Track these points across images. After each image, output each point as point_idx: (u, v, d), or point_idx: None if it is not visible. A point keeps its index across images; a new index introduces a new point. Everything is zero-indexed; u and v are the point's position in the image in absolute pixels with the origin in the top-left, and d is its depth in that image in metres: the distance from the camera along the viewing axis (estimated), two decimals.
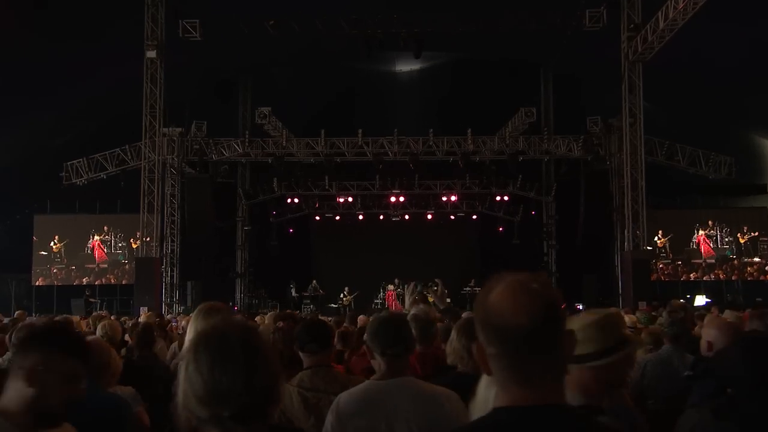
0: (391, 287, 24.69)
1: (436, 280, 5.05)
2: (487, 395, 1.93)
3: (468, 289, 25.33)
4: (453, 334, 3.77)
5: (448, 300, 15.08)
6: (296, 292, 25.89)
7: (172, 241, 24.47)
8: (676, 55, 19.92)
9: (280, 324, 5.72)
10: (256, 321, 8.74)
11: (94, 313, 11.42)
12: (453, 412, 2.75)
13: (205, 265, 24.78)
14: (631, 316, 9.13)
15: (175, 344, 6.99)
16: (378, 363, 2.95)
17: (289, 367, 3.71)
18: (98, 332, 5.40)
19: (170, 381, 4.58)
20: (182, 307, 23.17)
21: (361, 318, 8.67)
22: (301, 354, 3.48)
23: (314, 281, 26.28)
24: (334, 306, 25.30)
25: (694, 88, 22.12)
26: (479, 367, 1.58)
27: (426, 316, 4.52)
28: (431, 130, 24.14)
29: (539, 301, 1.46)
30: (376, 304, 24.49)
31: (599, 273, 24.27)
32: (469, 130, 23.87)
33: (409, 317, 4.12)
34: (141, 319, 9.27)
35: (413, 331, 3.28)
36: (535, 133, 24.62)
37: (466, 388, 2.40)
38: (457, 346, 3.66)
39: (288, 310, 13.59)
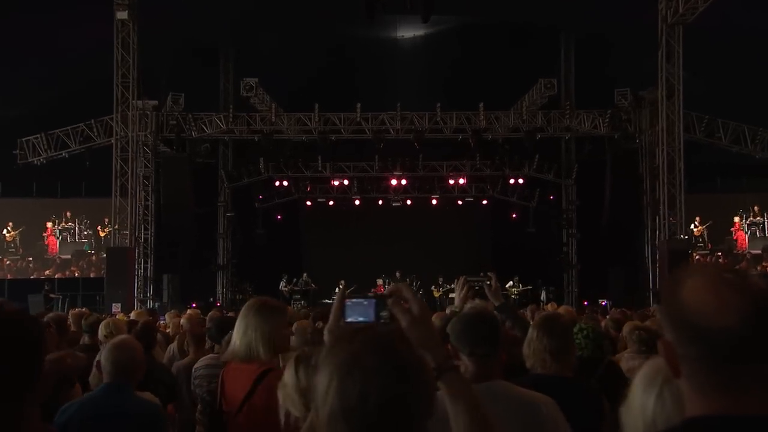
0: (379, 282, 24.57)
1: (489, 273, 4.78)
2: (645, 401, 1.84)
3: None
4: (532, 334, 3.71)
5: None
6: (286, 285, 25.68)
7: (146, 229, 24.21)
8: (721, 17, 19.22)
9: (320, 324, 5.62)
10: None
11: (75, 310, 10.90)
12: (551, 418, 2.74)
13: (183, 256, 24.56)
14: None
15: (173, 345, 6.89)
16: (464, 364, 2.94)
17: None
18: (101, 332, 5.47)
19: (172, 384, 5.03)
20: (157, 304, 22.90)
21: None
22: (465, 359, 3.13)
23: (305, 274, 26.04)
24: (328, 302, 22.56)
25: (740, 55, 21.64)
26: (562, 370, 1.90)
27: (486, 313, 3.89)
28: (438, 104, 24.02)
29: (749, 299, 1.37)
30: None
31: (627, 266, 23.84)
32: (481, 105, 23.77)
33: (463, 314, 3.70)
34: (132, 316, 9.33)
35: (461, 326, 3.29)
36: (554, 107, 24.47)
37: (549, 393, 2.67)
38: (538, 346, 3.60)
39: (326, 309, 12.59)
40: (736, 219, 25.73)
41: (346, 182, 27.22)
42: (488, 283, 4.77)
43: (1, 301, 6.69)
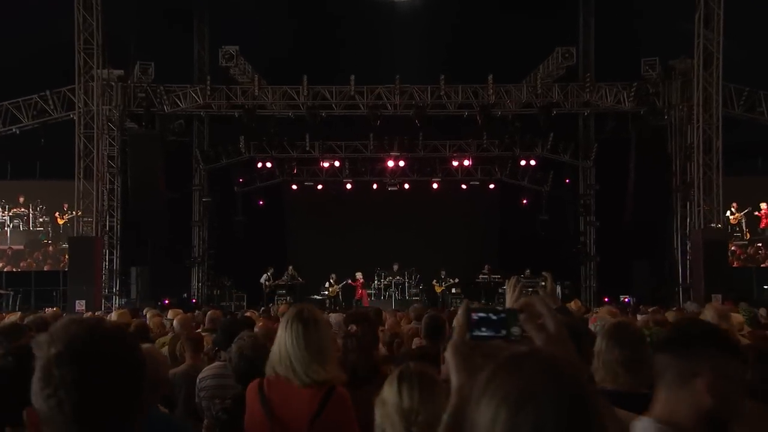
0: (359, 275, 24.89)
1: (544, 273, 4.06)
2: None
3: (484, 277, 25.37)
4: (601, 344, 3.69)
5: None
6: (270, 279, 25.33)
7: (111, 216, 23.82)
8: None
9: (353, 328, 5.69)
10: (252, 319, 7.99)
11: (47, 311, 11.16)
12: None
13: (153, 246, 24.56)
14: (737, 314, 8.39)
15: (163, 350, 6.54)
16: None
17: (367, 383, 3.84)
18: None
19: (169, 394, 4.97)
20: (124, 300, 23.19)
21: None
22: None
23: (290, 267, 25.62)
24: (318, 298, 24.79)
25: None
26: (637, 385, 2.03)
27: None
28: (442, 76, 23.76)
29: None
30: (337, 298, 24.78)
31: (653, 258, 23.89)
32: (489, 77, 23.50)
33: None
34: (112, 317, 9.23)
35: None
36: (572, 79, 24.22)
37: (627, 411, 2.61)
38: (609, 358, 3.59)
39: (360, 309, 13.13)
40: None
41: (337, 164, 26.99)
42: (543, 284, 4.29)
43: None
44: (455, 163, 26.96)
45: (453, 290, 25.46)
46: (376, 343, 5.75)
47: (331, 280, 25.37)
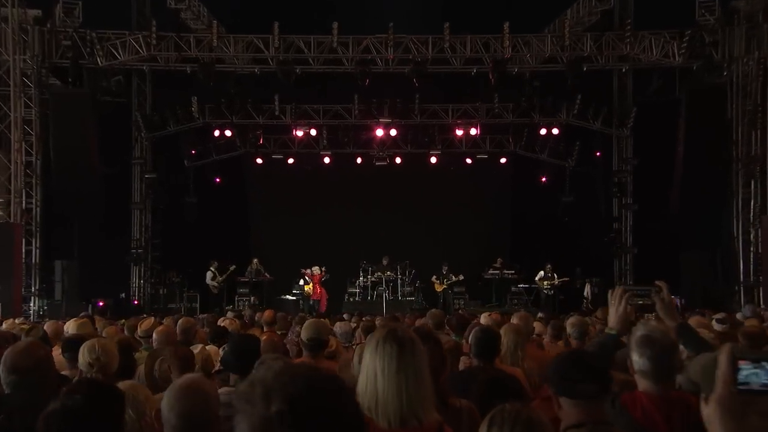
0: (316, 269, 25.16)
1: (658, 283, 4.42)
2: None
3: (494, 272, 25.59)
4: None
5: None
6: (217, 277, 25.46)
7: (29, 196, 23.62)
8: None
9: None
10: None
11: (16, 321, 11.21)
12: None
13: (83, 235, 24.20)
14: None
15: (140, 369, 6.64)
16: (569, 411, 3.47)
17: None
18: (86, 357, 5.48)
19: None
20: (46, 302, 23.28)
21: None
22: (563, 401, 3.64)
23: (255, 260, 25.82)
24: (290, 298, 25.35)
25: None
26: None
27: (667, 339, 4.29)
28: (446, 24, 23.60)
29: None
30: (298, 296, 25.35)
31: (706, 250, 23.78)
32: (505, 25, 23.42)
33: (637, 339, 4.17)
34: (69, 329, 8.95)
35: (649, 361, 4.00)
36: (608, 28, 24.20)
37: None
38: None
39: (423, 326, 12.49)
40: None
41: (313, 132, 26.87)
42: (660, 294, 4.59)
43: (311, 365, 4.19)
44: (459, 132, 26.81)
45: (455, 288, 25.47)
46: (444, 368, 5.34)
47: (307, 277, 25.34)
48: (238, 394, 1.83)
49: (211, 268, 25.31)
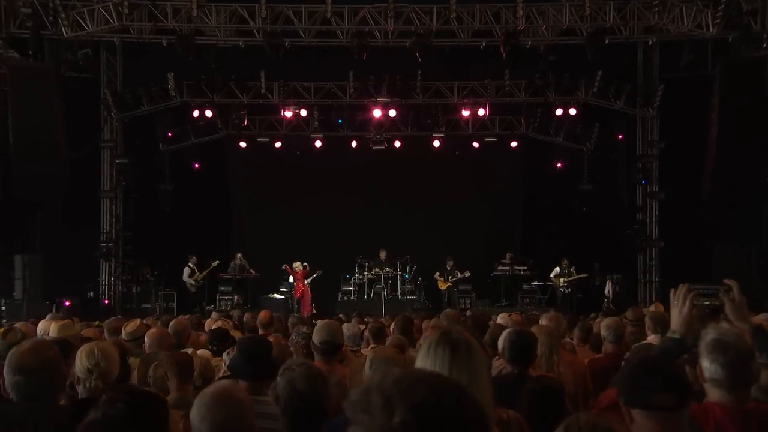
0: (297, 265, 25.15)
1: (727, 281, 4.40)
2: None
3: (504, 269, 25.64)
4: None
5: None
6: (196, 273, 25.53)
7: None
8: None
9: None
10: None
11: (16, 325, 10.53)
12: None
13: (47, 227, 24.34)
14: None
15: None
16: (643, 423, 3.45)
17: None
18: (84, 362, 5.35)
19: None
20: (5, 302, 23.09)
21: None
22: (636, 414, 3.62)
23: (239, 255, 25.94)
24: (278, 297, 25.30)
25: None
26: None
27: (742, 344, 4.22)
28: None
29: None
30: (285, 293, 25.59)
31: (742, 243, 23.66)
32: None
33: (708, 344, 4.15)
34: (51, 331, 9.07)
35: (722, 368, 3.94)
36: None
37: None
38: None
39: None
40: None
41: (303, 113, 26.67)
42: (729, 294, 4.54)
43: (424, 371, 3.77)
44: (466, 113, 26.68)
45: (461, 286, 25.62)
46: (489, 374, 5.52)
47: (289, 274, 25.51)
48: (351, 404, 1.88)
49: (189, 264, 25.32)
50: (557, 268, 24.71)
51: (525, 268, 25.00)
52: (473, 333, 8.36)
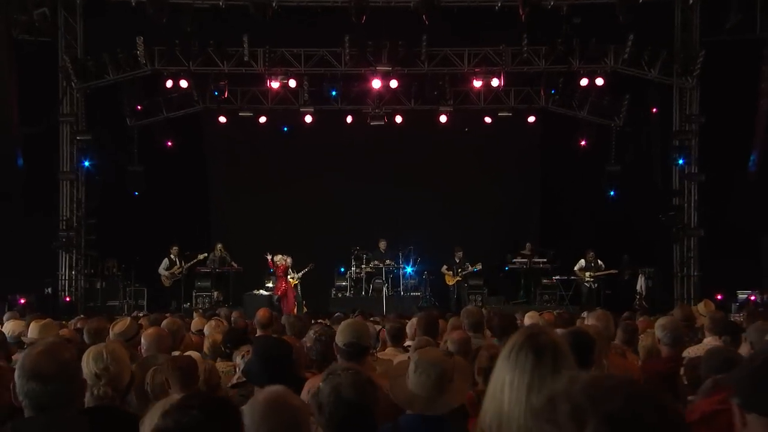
0: (279, 258, 24.88)
1: None
2: None
3: (521, 261, 25.54)
4: None
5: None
6: (177, 265, 25.50)
7: None
8: None
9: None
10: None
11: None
12: None
13: None
14: None
15: None
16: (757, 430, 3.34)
17: None
18: (93, 365, 5.44)
19: None
20: None
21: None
22: (752, 419, 3.43)
23: (219, 245, 25.88)
24: (264, 294, 25.09)
25: None
26: None
27: None
28: None
29: None
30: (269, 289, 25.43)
31: None
32: None
33: None
34: (30, 333, 9.63)
35: None
36: None
37: None
38: None
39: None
40: None
41: (292, 84, 26.28)
42: None
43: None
44: (477, 83, 26.20)
45: (471, 281, 25.46)
46: None
47: (272, 267, 25.23)
48: (535, 413, 1.95)
49: (171, 255, 25.10)
50: (582, 261, 24.43)
51: (544, 260, 24.84)
52: (499, 334, 8.96)
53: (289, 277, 24.93)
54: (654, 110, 26.67)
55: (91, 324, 9.85)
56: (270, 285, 25.27)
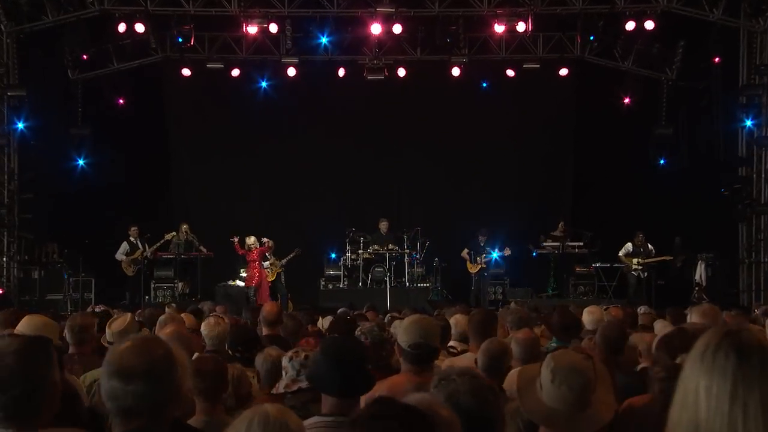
0: (252, 241, 24.57)
1: None
2: None
3: (553, 245, 25.16)
4: None
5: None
6: (140, 249, 24.96)
7: None
8: None
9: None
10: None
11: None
12: None
13: None
14: None
15: None
16: None
17: None
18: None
19: None
20: None
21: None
22: None
23: (185, 227, 25.27)
24: (238, 284, 25.08)
25: None
26: None
27: None
28: None
29: None
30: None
31: None
32: None
33: None
34: (22, 328, 8.16)
35: None
36: None
37: None
38: None
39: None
40: None
41: (272, 28, 25.86)
42: None
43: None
44: (499, 28, 25.86)
45: (490, 270, 25.13)
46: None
47: (266, 253, 25.02)
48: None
49: (131, 238, 24.63)
50: (629, 245, 23.82)
51: (580, 243, 24.33)
52: (561, 334, 9.16)
53: (267, 264, 24.70)
54: (716, 60, 25.98)
55: (74, 321, 9.59)
56: (246, 274, 25.01)
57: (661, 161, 26.08)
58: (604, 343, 7.97)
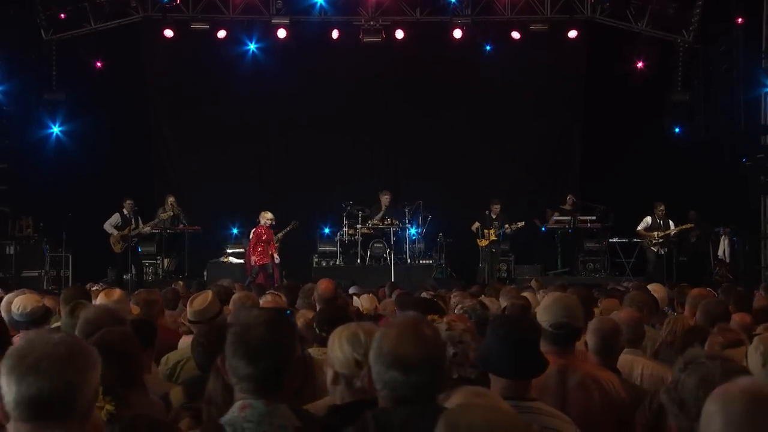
0: (268, 217, 23.91)
1: None
2: None
3: (563, 219, 25.14)
4: None
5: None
6: (133, 225, 24.35)
7: None
8: None
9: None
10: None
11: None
12: None
13: None
14: None
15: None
16: None
17: None
18: (342, 353, 5.59)
19: None
20: None
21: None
22: None
23: (171, 199, 24.96)
24: (234, 262, 24.94)
25: None
26: None
27: None
28: None
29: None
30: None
31: None
32: None
33: None
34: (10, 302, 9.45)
35: None
36: None
37: None
38: None
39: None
40: None
41: None
42: None
43: None
44: None
45: (497, 246, 24.76)
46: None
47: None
48: None
49: (124, 210, 23.86)
50: (648, 218, 23.43)
51: (593, 217, 24.07)
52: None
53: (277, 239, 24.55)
54: (739, 20, 25.12)
55: (139, 297, 10.02)
56: (239, 250, 24.81)
57: (677, 130, 25.63)
58: (705, 318, 8.06)
